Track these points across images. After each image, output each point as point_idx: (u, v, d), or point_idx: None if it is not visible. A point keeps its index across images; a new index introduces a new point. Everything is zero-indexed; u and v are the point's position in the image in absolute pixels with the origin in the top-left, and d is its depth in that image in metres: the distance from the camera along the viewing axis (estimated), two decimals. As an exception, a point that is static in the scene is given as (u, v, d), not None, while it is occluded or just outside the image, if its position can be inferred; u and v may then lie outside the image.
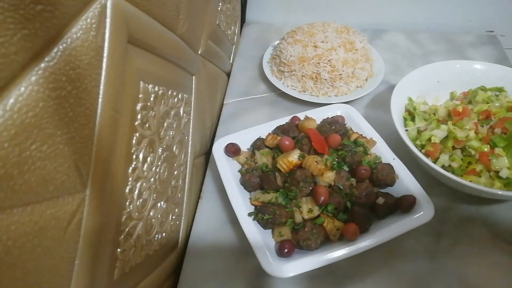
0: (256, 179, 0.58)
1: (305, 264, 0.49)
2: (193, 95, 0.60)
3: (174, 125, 0.51)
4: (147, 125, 0.41)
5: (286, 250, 0.51)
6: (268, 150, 0.63)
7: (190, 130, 0.60)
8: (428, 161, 0.57)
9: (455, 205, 0.62)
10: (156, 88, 0.43)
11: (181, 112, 0.54)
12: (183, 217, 0.59)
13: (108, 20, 0.31)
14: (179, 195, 0.56)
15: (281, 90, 0.81)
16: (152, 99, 0.42)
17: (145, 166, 0.42)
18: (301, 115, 0.68)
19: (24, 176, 0.23)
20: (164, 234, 0.50)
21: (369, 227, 0.54)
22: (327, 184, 0.56)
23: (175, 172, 0.53)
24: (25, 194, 0.23)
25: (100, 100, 0.31)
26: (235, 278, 0.55)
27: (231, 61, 0.92)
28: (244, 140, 0.66)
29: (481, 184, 0.57)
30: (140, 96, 0.39)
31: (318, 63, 0.78)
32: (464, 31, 0.98)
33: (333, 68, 0.77)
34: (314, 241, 0.51)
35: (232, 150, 0.63)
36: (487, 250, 0.57)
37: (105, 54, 0.31)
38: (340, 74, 0.78)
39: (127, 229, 0.39)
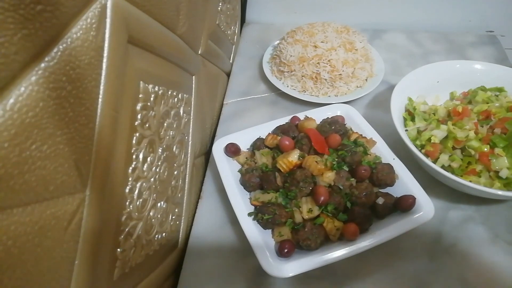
0: (256, 179, 0.58)
1: (305, 264, 0.49)
2: (193, 95, 0.60)
3: (174, 125, 0.51)
4: (147, 125, 0.41)
5: (286, 250, 0.51)
6: (268, 150, 0.63)
7: (190, 130, 0.60)
8: (428, 161, 0.57)
9: (455, 205, 0.63)
10: (156, 88, 0.43)
11: (181, 112, 0.54)
12: (183, 217, 0.59)
13: (108, 20, 0.31)
14: (179, 195, 0.56)
15: (281, 90, 0.81)
16: (152, 99, 0.42)
17: (145, 166, 0.42)
18: (301, 115, 0.68)
19: (24, 176, 0.23)
20: (164, 234, 0.50)
21: (369, 227, 0.54)
22: (327, 184, 0.56)
23: (175, 172, 0.53)
24: (25, 194, 0.23)
25: (100, 100, 0.31)
26: (235, 278, 0.55)
27: (231, 61, 0.92)
28: (244, 140, 0.66)
29: (481, 184, 0.57)
30: (140, 96, 0.39)
31: (318, 63, 0.78)
32: (464, 31, 0.98)
33: (333, 68, 0.77)
34: (314, 241, 0.51)
35: (232, 150, 0.63)
36: (487, 250, 0.57)
37: (105, 54, 0.31)
38: (340, 74, 0.78)
39: (127, 229, 0.39)
